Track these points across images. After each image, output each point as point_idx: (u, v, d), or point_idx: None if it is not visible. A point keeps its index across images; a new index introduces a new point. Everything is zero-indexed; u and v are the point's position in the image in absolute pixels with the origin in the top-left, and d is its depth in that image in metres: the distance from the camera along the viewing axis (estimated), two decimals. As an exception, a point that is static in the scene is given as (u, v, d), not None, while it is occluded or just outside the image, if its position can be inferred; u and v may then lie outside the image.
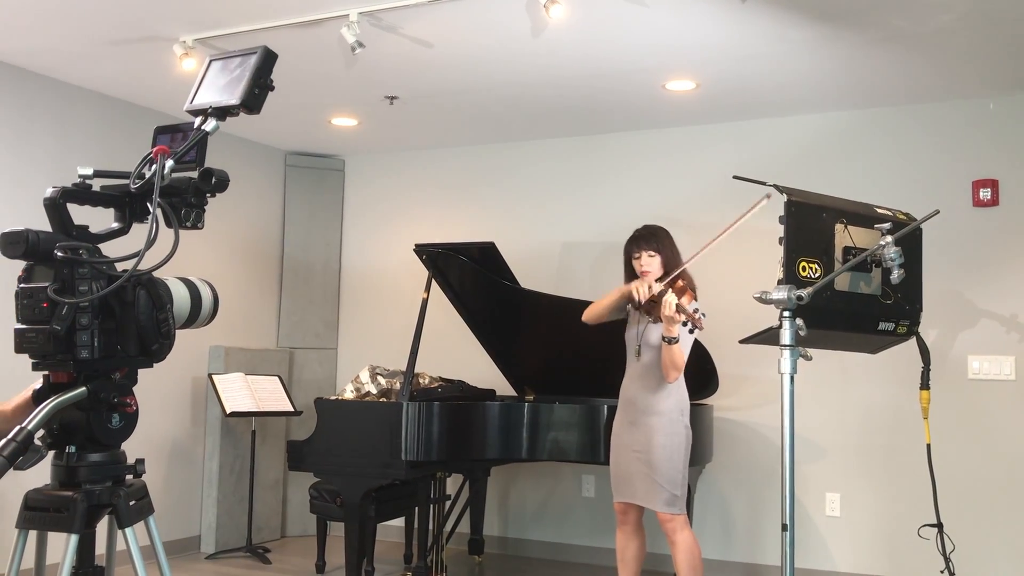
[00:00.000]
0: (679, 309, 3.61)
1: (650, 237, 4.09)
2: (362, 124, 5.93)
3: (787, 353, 2.46)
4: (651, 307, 3.89)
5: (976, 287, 5.02)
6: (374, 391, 4.91)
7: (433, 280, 5.06)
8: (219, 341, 5.94)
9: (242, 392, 5.70)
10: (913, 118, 5.23)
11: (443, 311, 5.51)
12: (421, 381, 5.12)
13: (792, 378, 2.48)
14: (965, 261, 5.04)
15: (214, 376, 5.67)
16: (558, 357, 5.27)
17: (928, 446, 3.29)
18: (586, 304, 4.88)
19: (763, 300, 2.49)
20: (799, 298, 2.43)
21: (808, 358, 2.48)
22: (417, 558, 5.07)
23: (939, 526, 3.17)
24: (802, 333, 2.47)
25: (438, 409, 4.57)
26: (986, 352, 4.97)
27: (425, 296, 4.96)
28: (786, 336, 2.46)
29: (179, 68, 4.55)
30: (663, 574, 5.34)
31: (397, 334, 6.22)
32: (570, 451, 4.71)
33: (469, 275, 5.10)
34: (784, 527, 2.41)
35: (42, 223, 1.60)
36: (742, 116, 5.55)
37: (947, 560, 3.16)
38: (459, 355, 5.90)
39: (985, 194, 5.01)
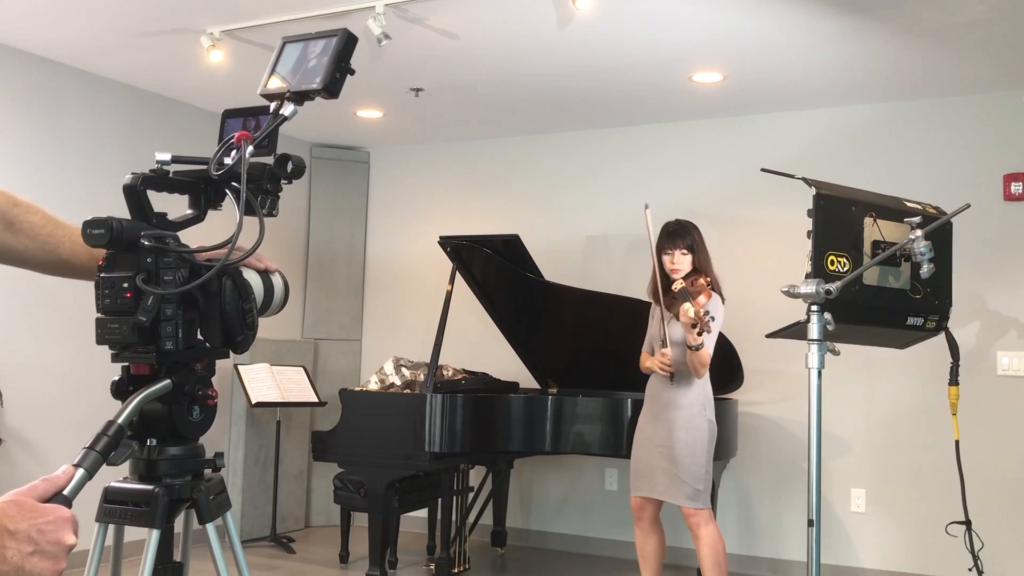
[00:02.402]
0: (695, 314, 3.58)
1: (684, 233, 4.01)
2: (387, 116, 5.94)
3: (815, 348, 2.44)
4: (671, 304, 3.88)
5: (1006, 282, 4.95)
6: (398, 382, 4.93)
7: (457, 272, 5.06)
8: (244, 332, 5.96)
9: (267, 383, 5.73)
10: (944, 111, 5.17)
11: (467, 303, 5.52)
12: (445, 373, 5.13)
13: (820, 373, 2.45)
14: (995, 255, 4.98)
15: (239, 367, 5.71)
16: (582, 350, 5.26)
17: (956, 442, 3.25)
18: (610, 297, 4.89)
19: (791, 294, 2.46)
20: (827, 292, 2.41)
21: (836, 353, 2.46)
22: (440, 549, 5.08)
23: (967, 523, 3.13)
24: (830, 328, 2.44)
25: (462, 401, 4.57)
26: (1016, 348, 4.91)
27: (449, 288, 4.96)
28: (814, 331, 2.44)
29: (207, 60, 4.57)
30: (686, 568, 5.33)
31: (421, 326, 6.24)
32: (593, 444, 4.70)
33: (493, 267, 5.10)
34: (810, 523, 2.39)
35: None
36: (770, 108, 5.50)
37: (975, 558, 3.12)
38: (483, 348, 5.91)
39: (1017, 188, 4.94)
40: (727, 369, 4.77)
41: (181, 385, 1.45)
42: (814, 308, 2.45)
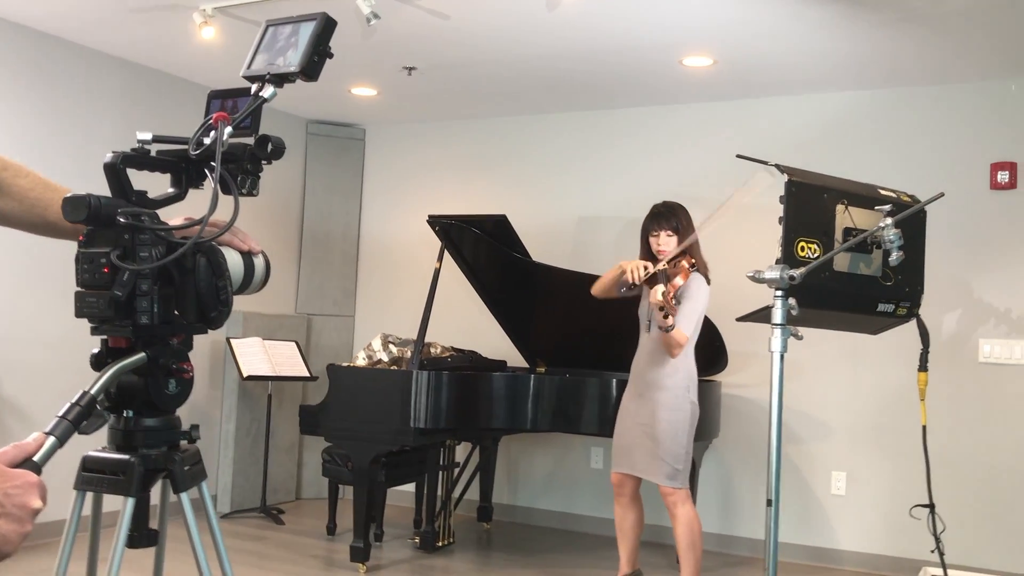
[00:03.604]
0: (663, 297, 3.60)
1: (669, 215, 4.07)
2: (381, 94, 5.97)
3: (778, 332, 2.49)
4: (653, 284, 3.92)
5: (991, 270, 4.99)
6: (385, 359, 4.99)
7: (446, 251, 5.11)
8: (238, 306, 6.00)
9: (259, 356, 5.80)
10: (931, 99, 5.19)
11: (459, 282, 5.57)
12: (433, 351, 5.19)
13: (782, 356, 2.50)
14: (981, 244, 5.02)
15: (232, 340, 5.78)
16: (570, 330, 5.31)
17: (924, 427, 3.31)
18: (595, 279, 4.92)
19: (756, 279, 2.51)
20: (791, 278, 2.45)
21: (799, 337, 2.50)
22: (425, 523, 5.17)
23: (931, 506, 3.20)
24: (794, 312, 2.49)
25: (447, 378, 4.63)
26: (998, 336, 4.95)
27: (437, 266, 5.01)
28: (777, 315, 2.49)
29: (199, 36, 4.60)
30: (665, 545, 5.40)
31: (413, 303, 6.28)
32: (576, 423, 4.77)
33: (482, 247, 5.15)
34: (769, 502, 2.45)
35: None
36: (760, 94, 5.52)
37: (937, 540, 3.19)
38: (474, 326, 5.97)
39: (1003, 177, 4.97)
40: (711, 351, 4.82)
41: (156, 358, 1.50)
42: (778, 293, 2.50)
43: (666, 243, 4.01)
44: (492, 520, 5.91)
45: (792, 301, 2.50)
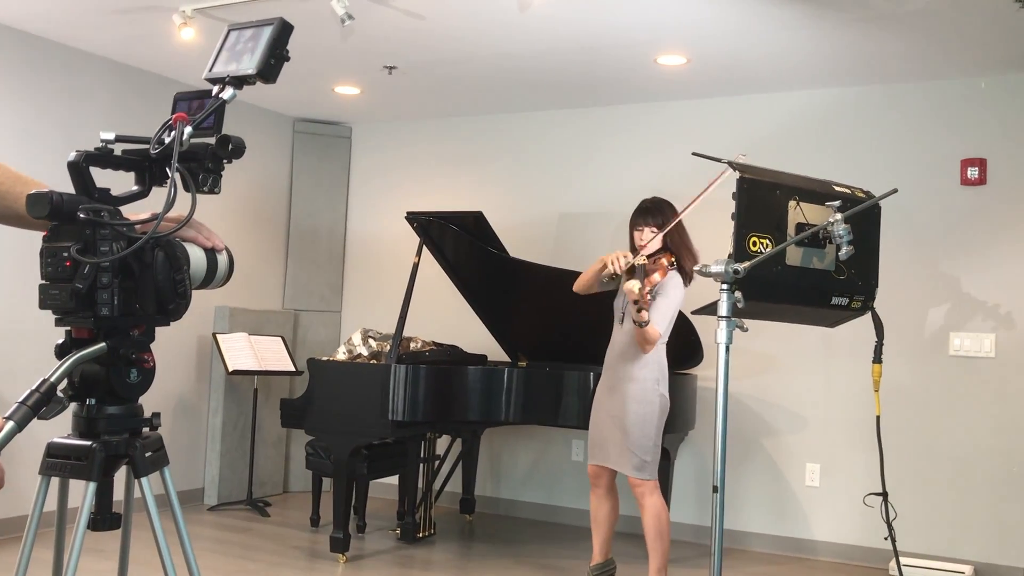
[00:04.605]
0: (639, 292, 3.62)
1: (655, 211, 4.13)
2: (365, 93, 6.05)
3: (723, 324, 2.58)
4: (631, 277, 3.98)
5: (961, 265, 5.07)
6: (365, 353, 5.08)
7: (424, 246, 5.19)
8: (225, 301, 6.13)
9: (245, 351, 5.89)
10: (901, 97, 5.26)
11: (443, 277, 5.64)
12: (413, 345, 5.28)
13: (728, 348, 2.59)
14: (951, 239, 5.10)
15: (218, 335, 5.87)
16: (550, 325, 5.39)
17: (878, 418, 3.40)
18: (573, 274, 5.00)
19: (702, 273, 2.60)
20: (735, 272, 2.54)
21: (744, 329, 2.59)
22: (407, 515, 5.26)
23: (884, 495, 3.30)
24: (740, 305, 2.58)
25: (424, 372, 4.72)
26: (967, 329, 5.04)
27: (416, 260, 5.10)
28: (723, 308, 2.57)
29: (178, 37, 4.69)
30: (640, 536, 5.48)
31: (399, 299, 6.33)
32: (551, 416, 4.86)
33: (461, 243, 5.23)
34: (715, 489, 2.54)
35: (53, 184, 1.72)
36: (733, 91, 5.60)
37: (890, 527, 3.29)
38: (458, 320, 6.04)
39: (973, 173, 5.05)
40: (687, 346, 4.90)
41: (116, 348, 1.58)
42: (724, 287, 2.58)
43: (649, 238, 4.07)
44: (475, 512, 6.00)
45: (738, 294, 2.59)
